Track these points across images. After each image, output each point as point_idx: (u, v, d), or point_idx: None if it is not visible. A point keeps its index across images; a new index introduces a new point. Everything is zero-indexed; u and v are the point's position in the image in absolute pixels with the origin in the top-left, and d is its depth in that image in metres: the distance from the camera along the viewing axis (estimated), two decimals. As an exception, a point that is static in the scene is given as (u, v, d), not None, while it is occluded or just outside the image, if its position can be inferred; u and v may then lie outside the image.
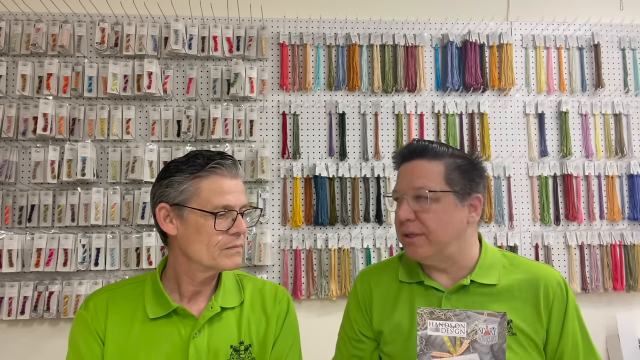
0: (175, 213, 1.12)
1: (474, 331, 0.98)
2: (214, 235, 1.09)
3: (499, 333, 0.97)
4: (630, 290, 2.63)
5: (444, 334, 0.99)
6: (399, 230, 1.18)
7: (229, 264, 1.12)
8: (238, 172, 1.15)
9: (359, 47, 2.66)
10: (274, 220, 2.55)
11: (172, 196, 1.11)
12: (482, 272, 1.18)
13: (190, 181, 1.10)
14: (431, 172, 1.15)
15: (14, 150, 2.42)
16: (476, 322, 0.98)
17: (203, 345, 1.12)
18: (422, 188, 1.13)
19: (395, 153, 1.24)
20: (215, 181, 1.11)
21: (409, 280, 1.23)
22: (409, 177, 1.17)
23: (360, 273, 1.35)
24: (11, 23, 2.49)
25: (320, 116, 2.63)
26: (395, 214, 1.18)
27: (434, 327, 0.99)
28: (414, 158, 1.18)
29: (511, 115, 2.73)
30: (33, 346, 2.38)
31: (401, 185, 1.18)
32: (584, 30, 2.80)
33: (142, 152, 2.43)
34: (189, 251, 1.11)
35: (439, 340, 0.98)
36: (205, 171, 1.10)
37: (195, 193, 1.10)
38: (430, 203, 1.12)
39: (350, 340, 1.28)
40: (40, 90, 2.46)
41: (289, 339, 1.22)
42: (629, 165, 2.70)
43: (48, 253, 2.35)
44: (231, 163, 1.13)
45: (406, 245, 1.18)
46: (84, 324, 1.13)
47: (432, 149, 1.17)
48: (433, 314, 0.99)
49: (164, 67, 2.53)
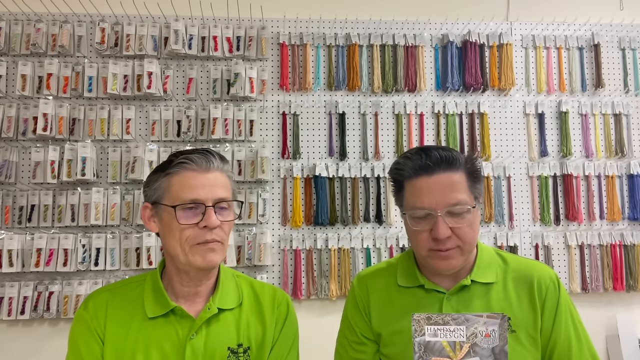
0: (154, 211, 1.14)
1: (473, 334, 0.96)
2: (183, 229, 1.08)
3: (499, 335, 0.96)
4: (630, 290, 2.63)
5: (443, 339, 0.97)
6: (429, 246, 1.11)
7: (199, 260, 1.09)
8: (211, 165, 1.12)
9: (359, 47, 2.66)
10: (274, 220, 2.55)
11: (149, 195, 1.14)
12: (480, 271, 1.19)
13: (163, 178, 1.12)
14: (460, 185, 1.10)
15: (14, 150, 2.42)
16: (475, 325, 0.96)
17: (200, 347, 1.11)
18: (457, 204, 1.09)
19: (411, 163, 1.12)
20: (184, 176, 1.10)
21: (408, 285, 1.22)
22: (439, 191, 1.09)
23: (358, 276, 1.33)
24: (11, 23, 2.49)
25: (320, 116, 2.63)
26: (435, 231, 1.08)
27: (432, 332, 0.97)
28: (439, 170, 1.10)
29: (511, 115, 2.73)
30: (33, 346, 2.38)
31: (430, 202, 1.09)
32: (584, 30, 2.80)
33: (142, 152, 2.43)
34: (168, 248, 1.12)
35: (438, 346, 0.96)
36: (174, 167, 1.11)
37: (167, 189, 1.11)
38: (465, 217, 1.10)
39: (352, 343, 1.27)
40: (40, 90, 2.46)
41: (287, 343, 1.22)
42: (629, 165, 2.70)
43: (48, 253, 2.35)
44: (202, 157, 1.11)
45: (439, 258, 1.11)
46: (83, 324, 1.13)
47: (454, 159, 1.11)
48: (430, 320, 0.97)
49: (164, 67, 2.53)
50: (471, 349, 0.96)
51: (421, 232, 1.11)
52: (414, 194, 1.12)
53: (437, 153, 1.11)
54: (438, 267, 1.14)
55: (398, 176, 1.16)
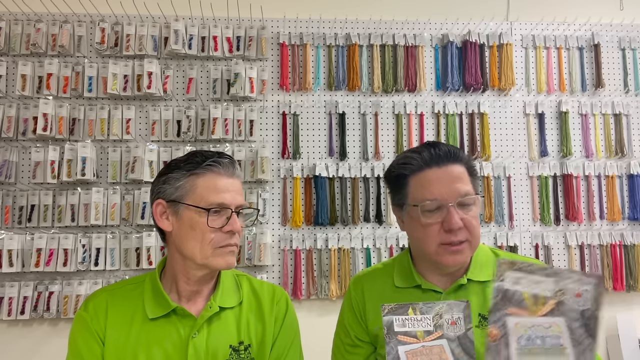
0: (171, 209, 1.13)
1: (562, 291, 0.81)
2: (208, 232, 1.09)
3: (593, 296, 0.79)
4: (630, 290, 2.63)
5: (525, 289, 0.83)
6: (440, 240, 1.10)
7: (222, 263, 1.11)
8: (235, 171, 1.15)
9: (359, 47, 2.66)
10: (274, 220, 2.54)
11: (169, 192, 1.12)
12: (476, 269, 1.18)
13: (187, 178, 1.11)
14: (465, 177, 1.13)
15: (14, 150, 2.42)
16: (566, 281, 0.81)
17: (202, 345, 1.12)
18: (467, 194, 1.10)
19: (419, 156, 1.14)
20: (211, 179, 1.11)
21: (405, 286, 1.22)
22: (448, 182, 1.10)
23: (354, 278, 1.33)
24: (11, 23, 2.49)
25: (320, 116, 2.63)
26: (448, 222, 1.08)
27: (514, 280, 0.84)
28: (448, 162, 1.12)
29: (511, 115, 2.73)
30: (33, 346, 2.38)
31: (441, 193, 1.10)
32: (584, 30, 2.80)
33: (142, 152, 2.43)
34: (183, 248, 1.11)
35: (517, 296, 0.83)
36: (202, 168, 1.11)
37: (191, 190, 1.10)
38: (473, 209, 1.11)
39: (346, 346, 1.27)
40: (40, 90, 2.46)
41: (288, 339, 1.22)
42: (629, 165, 2.70)
43: (48, 253, 2.35)
44: (228, 162, 1.14)
45: (450, 253, 1.11)
46: (83, 325, 1.13)
47: (458, 152, 1.15)
48: (514, 265, 0.85)
49: (164, 67, 2.53)
50: (557, 307, 0.81)
51: (432, 225, 1.11)
52: (423, 185, 1.12)
53: (445, 147, 1.14)
54: (446, 263, 1.12)
55: (404, 170, 1.16)
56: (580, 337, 0.79)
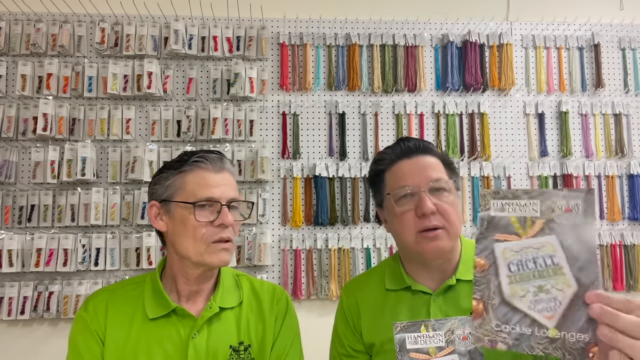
0: (164, 209, 1.13)
1: (549, 209, 0.76)
2: (198, 227, 1.09)
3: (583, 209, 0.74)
4: (630, 290, 2.63)
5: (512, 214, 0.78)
6: (416, 226, 1.11)
7: (215, 260, 1.11)
8: (224, 166, 1.15)
9: (359, 47, 2.66)
10: (274, 220, 2.54)
11: (160, 193, 1.14)
12: (465, 269, 1.17)
13: (175, 176, 1.12)
14: (438, 166, 1.16)
15: (14, 150, 2.42)
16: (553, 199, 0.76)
17: (202, 346, 1.12)
18: (439, 180, 1.13)
19: (391, 151, 1.20)
20: (199, 174, 1.12)
21: (395, 288, 1.22)
22: (419, 170, 1.14)
23: (345, 286, 1.32)
24: (11, 23, 2.49)
25: (320, 116, 2.63)
26: (420, 207, 1.10)
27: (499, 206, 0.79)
28: (419, 153, 1.17)
29: (511, 115, 2.73)
30: (33, 346, 2.38)
31: (413, 180, 1.13)
32: (584, 30, 2.80)
33: (142, 152, 2.43)
34: (178, 246, 1.12)
35: (504, 221, 0.78)
36: (189, 165, 1.12)
37: (180, 187, 1.11)
38: (447, 195, 1.13)
39: (342, 357, 1.26)
40: (40, 90, 2.46)
41: (288, 339, 1.22)
42: (629, 165, 2.70)
43: (48, 253, 2.35)
44: (216, 157, 1.14)
45: (428, 240, 1.10)
46: (83, 325, 1.13)
47: (430, 146, 1.20)
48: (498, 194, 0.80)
49: (164, 67, 2.53)
50: (546, 225, 0.75)
51: (406, 213, 1.12)
52: (396, 176, 1.17)
53: (414, 141, 1.20)
54: (427, 251, 1.11)
55: (380, 166, 1.21)
56: (576, 253, 0.73)
